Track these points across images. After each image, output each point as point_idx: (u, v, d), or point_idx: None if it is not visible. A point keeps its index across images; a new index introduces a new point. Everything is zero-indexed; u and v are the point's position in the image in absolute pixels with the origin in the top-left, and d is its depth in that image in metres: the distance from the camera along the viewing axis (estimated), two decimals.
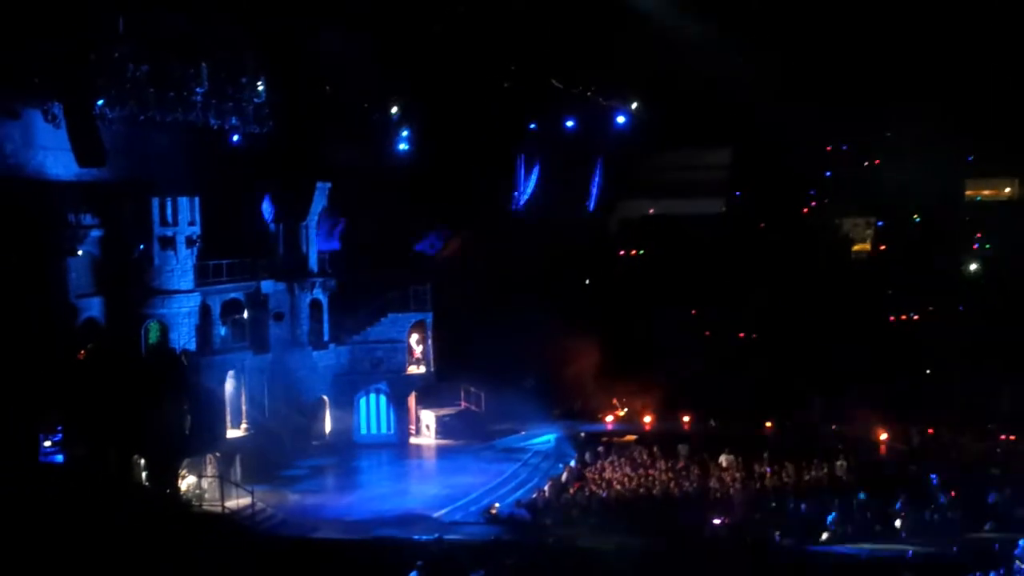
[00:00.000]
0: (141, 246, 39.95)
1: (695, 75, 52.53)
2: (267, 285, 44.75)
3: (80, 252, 39.13)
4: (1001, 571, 26.06)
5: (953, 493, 36.72)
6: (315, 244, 46.87)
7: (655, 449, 43.39)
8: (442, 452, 47.05)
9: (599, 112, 55.24)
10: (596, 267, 63.67)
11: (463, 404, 50.85)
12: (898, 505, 35.28)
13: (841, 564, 30.09)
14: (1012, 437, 45.25)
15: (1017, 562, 26.19)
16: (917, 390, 50.82)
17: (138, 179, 40.25)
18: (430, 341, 48.88)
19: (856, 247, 70.76)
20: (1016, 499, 35.05)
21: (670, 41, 48.33)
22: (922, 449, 44.73)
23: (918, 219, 68.93)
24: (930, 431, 46.41)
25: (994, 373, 49.89)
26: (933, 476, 38.21)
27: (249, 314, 44.37)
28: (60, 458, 35.90)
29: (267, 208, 46.56)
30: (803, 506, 35.97)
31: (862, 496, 36.29)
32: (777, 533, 33.08)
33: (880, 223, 70.12)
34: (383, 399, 48.48)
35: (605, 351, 52.64)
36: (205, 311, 41.98)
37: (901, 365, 53.08)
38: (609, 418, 50.60)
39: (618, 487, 39.20)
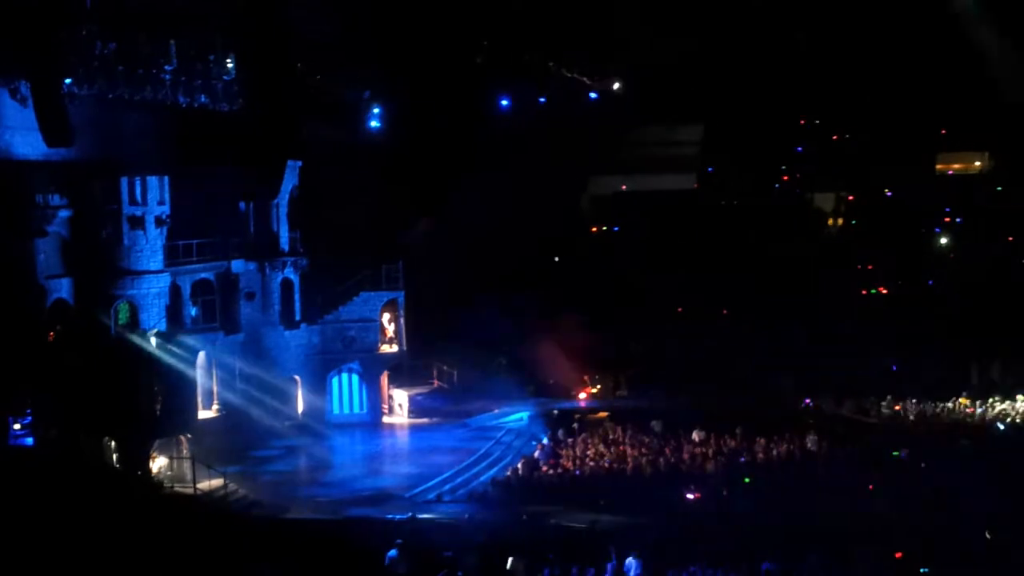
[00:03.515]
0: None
1: (666, 50, 52.47)
2: (238, 265, 44.49)
3: (49, 233, 38.78)
4: None
5: (923, 465, 37.19)
6: (286, 223, 46.57)
7: (628, 425, 43.51)
8: (415, 431, 46.98)
9: (570, 88, 54.94)
10: (567, 244, 63.50)
11: (436, 383, 50.86)
12: None
13: None
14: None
15: None
16: (887, 364, 51.23)
17: (107, 158, 39.89)
18: (402, 320, 48.74)
19: (828, 221, 70.90)
20: None
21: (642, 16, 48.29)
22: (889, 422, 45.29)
23: (889, 193, 69.14)
24: (896, 407, 46.82)
25: (963, 347, 50.36)
26: (902, 452, 38.58)
27: (220, 294, 44.15)
28: (30, 441, 35.71)
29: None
30: None
31: None
32: None
33: (851, 197, 70.28)
34: (355, 378, 48.33)
35: (577, 328, 52.60)
36: (175, 291, 41.78)
37: (871, 339, 53.33)
38: (582, 395, 50.65)
39: (591, 464, 39.33)
